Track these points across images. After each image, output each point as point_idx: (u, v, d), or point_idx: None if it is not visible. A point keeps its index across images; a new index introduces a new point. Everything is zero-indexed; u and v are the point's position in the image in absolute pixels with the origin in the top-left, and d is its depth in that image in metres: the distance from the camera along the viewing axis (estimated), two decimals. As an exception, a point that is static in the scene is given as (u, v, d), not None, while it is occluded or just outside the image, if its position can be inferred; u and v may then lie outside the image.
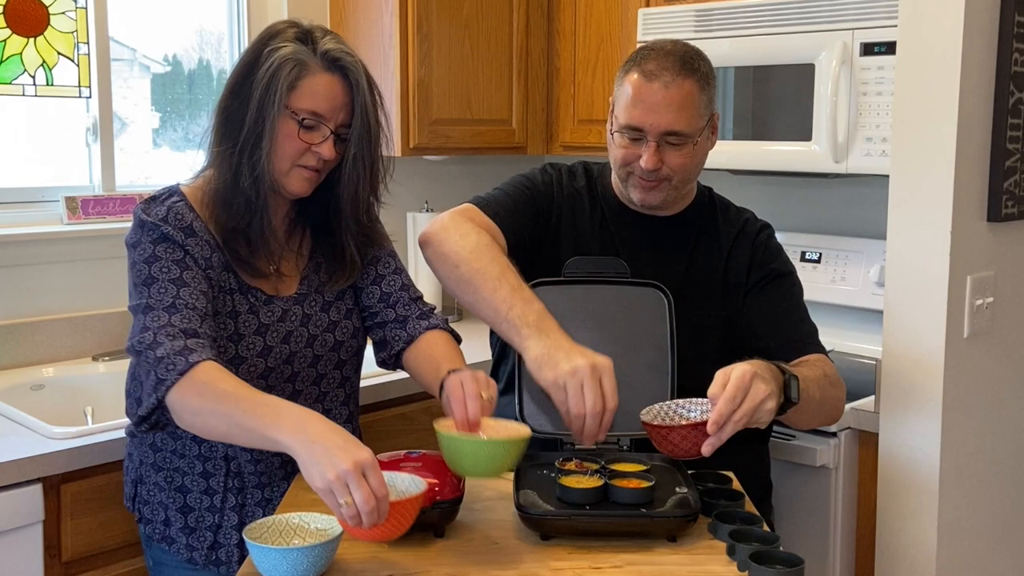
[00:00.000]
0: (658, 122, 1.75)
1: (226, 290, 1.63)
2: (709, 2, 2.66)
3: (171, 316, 1.53)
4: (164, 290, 1.55)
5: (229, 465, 1.69)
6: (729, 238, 1.92)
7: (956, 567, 2.08)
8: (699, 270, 1.90)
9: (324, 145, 1.60)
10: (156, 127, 2.90)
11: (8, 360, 2.42)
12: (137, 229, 1.62)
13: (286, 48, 1.58)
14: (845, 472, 2.21)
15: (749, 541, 1.45)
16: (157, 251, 1.58)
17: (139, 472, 1.75)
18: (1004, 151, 2.03)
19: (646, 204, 1.86)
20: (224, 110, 1.61)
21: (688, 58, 1.78)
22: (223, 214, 1.61)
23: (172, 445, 1.70)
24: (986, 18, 1.97)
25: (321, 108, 1.59)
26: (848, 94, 2.39)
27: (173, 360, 1.47)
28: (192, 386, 1.45)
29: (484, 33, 3.01)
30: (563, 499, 1.55)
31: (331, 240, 1.73)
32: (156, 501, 1.73)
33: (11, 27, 2.49)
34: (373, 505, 1.28)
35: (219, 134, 1.61)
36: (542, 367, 1.57)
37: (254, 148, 1.57)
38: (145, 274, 1.58)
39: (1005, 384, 2.19)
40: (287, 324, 1.69)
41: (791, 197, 2.94)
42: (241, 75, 1.60)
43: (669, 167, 1.79)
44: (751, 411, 1.48)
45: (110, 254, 2.60)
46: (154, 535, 1.73)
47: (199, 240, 1.61)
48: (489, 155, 3.19)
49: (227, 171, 1.60)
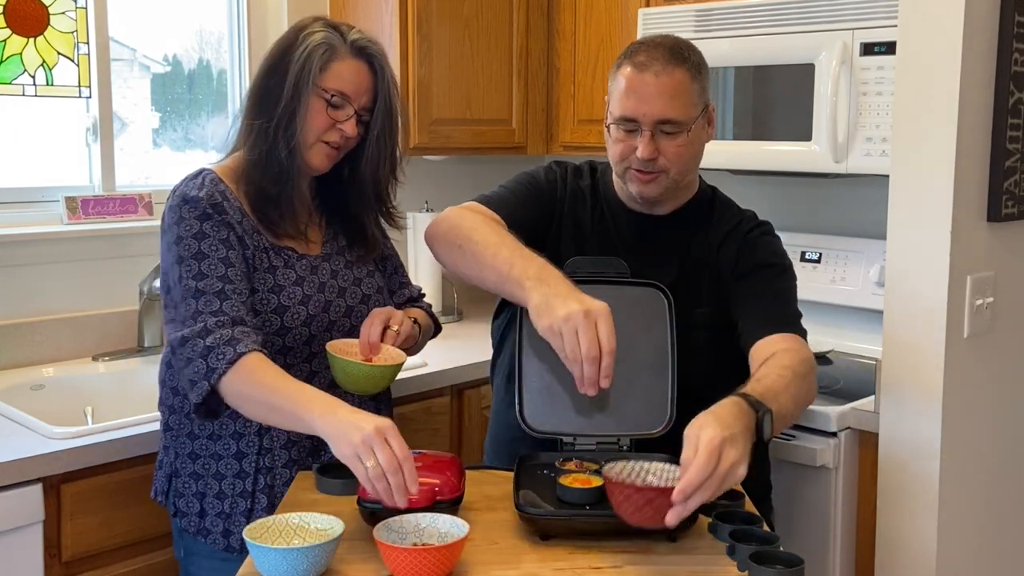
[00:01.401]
0: (651, 111, 1.76)
1: (260, 248, 1.75)
2: (709, 2, 2.66)
3: (222, 303, 1.64)
4: (214, 268, 1.66)
5: (262, 441, 1.77)
6: (720, 234, 1.92)
7: (956, 567, 2.08)
8: (692, 267, 1.90)
9: (348, 123, 1.75)
10: (156, 127, 2.90)
11: (8, 360, 2.42)
12: (178, 207, 1.70)
13: (319, 35, 1.74)
14: (845, 472, 2.21)
15: (749, 541, 1.45)
16: (204, 228, 1.69)
17: (175, 465, 1.80)
18: (1004, 151, 2.03)
19: (645, 196, 1.86)
20: (259, 88, 1.76)
21: (678, 48, 1.80)
22: (259, 181, 1.74)
23: (209, 429, 1.76)
24: (986, 18, 1.97)
25: (347, 89, 1.74)
26: (848, 94, 2.39)
27: (222, 350, 1.59)
28: (239, 375, 1.58)
29: (484, 33, 3.01)
30: (563, 499, 1.55)
31: (352, 223, 1.88)
32: (191, 492, 1.78)
33: (11, 27, 2.49)
34: (396, 465, 1.40)
35: (255, 110, 1.75)
36: (540, 315, 1.57)
37: (289, 121, 1.72)
38: (195, 249, 1.67)
39: (1005, 384, 2.19)
40: (319, 276, 1.81)
41: (791, 197, 2.94)
42: (276, 57, 1.76)
43: (665, 157, 1.79)
44: (720, 481, 1.40)
45: (110, 254, 2.60)
46: (189, 528, 1.78)
47: (231, 206, 1.72)
48: (489, 155, 3.19)
49: (263, 142, 1.73)
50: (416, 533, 1.44)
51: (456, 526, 1.43)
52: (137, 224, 2.64)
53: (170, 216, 1.71)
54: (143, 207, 2.67)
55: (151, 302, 2.56)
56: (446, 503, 1.53)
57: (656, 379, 1.76)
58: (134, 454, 2.01)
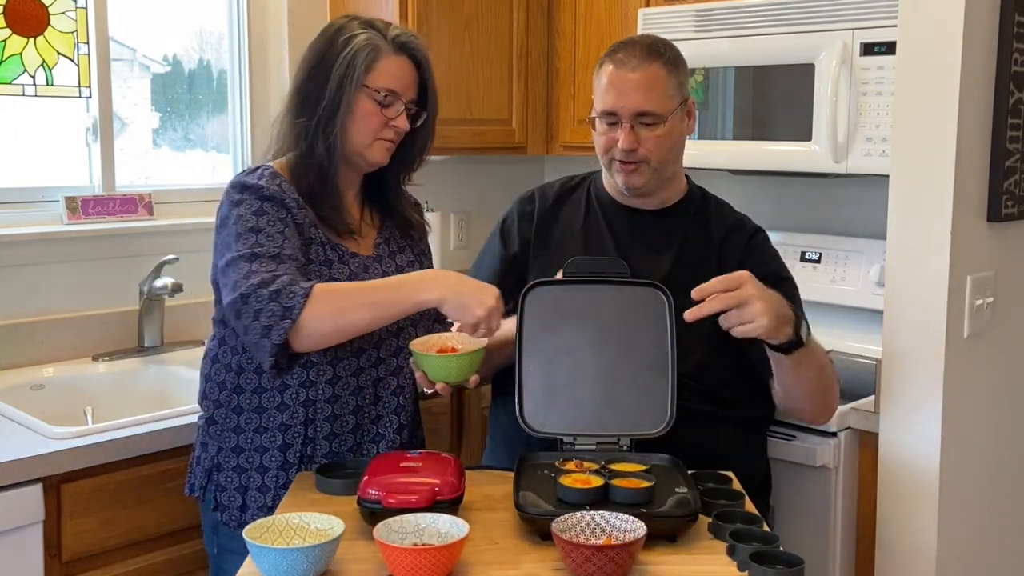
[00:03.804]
0: (629, 104, 1.86)
1: (317, 242, 1.79)
2: (709, 2, 2.66)
3: (277, 265, 1.67)
4: (271, 239, 1.70)
5: (307, 431, 1.79)
6: (721, 231, 1.97)
7: (956, 567, 2.08)
8: (688, 263, 1.93)
9: (401, 118, 1.82)
10: (156, 127, 2.90)
11: (8, 360, 2.42)
12: (238, 192, 1.76)
13: (361, 35, 1.79)
14: (845, 472, 2.21)
15: (749, 541, 1.45)
16: (264, 207, 1.73)
17: (217, 460, 1.82)
18: (1004, 151, 2.03)
19: (630, 186, 1.93)
20: (300, 90, 1.82)
21: (653, 45, 1.91)
22: (305, 176, 1.80)
23: (256, 421, 1.79)
24: (986, 18, 1.97)
25: (396, 86, 1.81)
26: (848, 94, 2.39)
27: (292, 289, 1.62)
28: (321, 298, 1.63)
29: (484, 33, 3.01)
30: (563, 499, 1.56)
31: (396, 212, 1.94)
32: (233, 487, 1.81)
33: (11, 27, 2.49)
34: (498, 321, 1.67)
35: (296, 110, 1.81)
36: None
37: (329, 120, 1.78)
38: (252, 223, 1.71)
39: (1005, 384, 2.19)
40: (370, 275, 1.84)
41: (791, 197, 2.94)
42: (316, 60, 1.81)
43: (645, 147, 1.88)
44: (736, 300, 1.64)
45: (110, 254, 2.60)
46: (230, 521, 1.80)
47: (290, 198, 1.77)
48: (489, 155, 3.19)
49: (303, 140, 1.80)
50: (416, 533, 1.44)
51: (456, 526, 1.43)
52: (137, 224, 2.64)
53: (228, 201, 1.76)
54: (143, 207, 2.67)
55: (151, 302, 2.56)
56: (446, 503, 1.53)
57: (656, 379, 1.76)
58: (134, 454, 2.01)
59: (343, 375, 1.81)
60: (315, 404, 1.79)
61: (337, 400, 1.81)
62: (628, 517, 1.44)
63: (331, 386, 1.80)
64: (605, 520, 1.44)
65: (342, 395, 1.81)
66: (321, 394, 1.79)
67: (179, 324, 2.67)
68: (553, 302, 1.79)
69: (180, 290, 2.53)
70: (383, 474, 1.59)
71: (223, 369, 1.81)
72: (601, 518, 1.45)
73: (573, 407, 1.77)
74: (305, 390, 1.78)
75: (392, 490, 1.53)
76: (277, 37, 2.94)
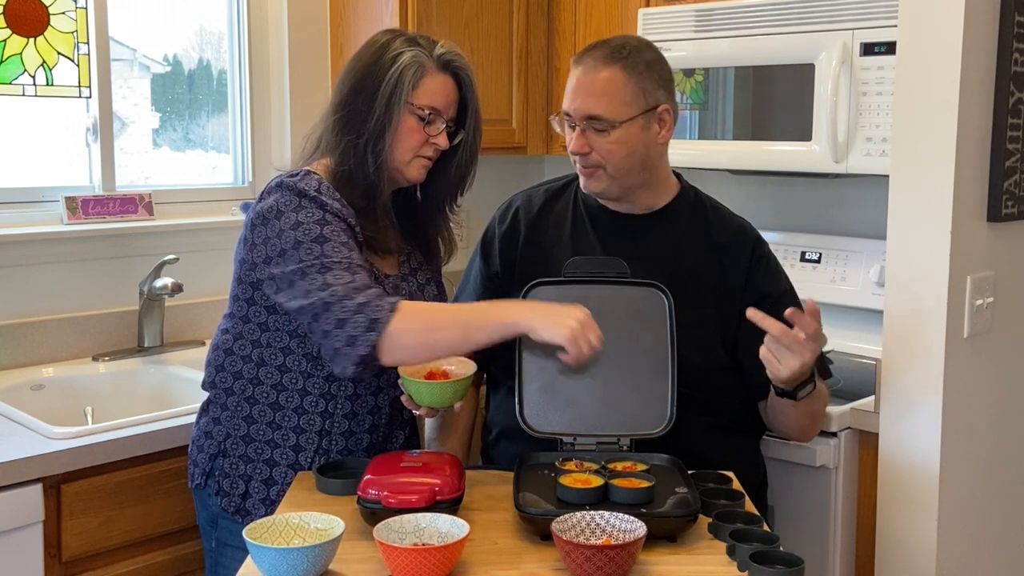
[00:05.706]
0: (579, 106, 1.83)
1: None
2: (709, 2, 2.66)
3: (354, 275, 1.66)
4: (338, 250, 1.68)
5: (321, 440, 1.81)
6: (723, 237, 1.93)
7: (956, 567, 2.08)
8: (687, 268, 1.89)
9: (441, 136, 1.81)
10: (156, 127, 2.90)
11: (8, 360, 2.42)
12: (295, 196, 1.72)
13: (408, 53, 1.78)
14: (845, 472, 2.21)
15: (749, 541, 1.45)
16: (327, 217, 1.72)
17: (223, 445, 1.82)
18: (1004, 151, 2.03)
19: (589, 191, 1.91)
20: (346, 105, 1.79)
21: (619, 48, 1.84)
22: (349, 195, 1.78)
23: (270, 416, 1.79)
24: (986, 18, 1.97)
25: (439, 104, 1.80)
26: (848, 94, 2.39)
27: (378, 303, 1.62)
28: (409, 314, 1.63)
29: (484, 33, 3.00)
30: (563, 499, 1.56)
31: (422, 232, 1.93)
32: (238, 474, 1.81)
33: (11, 27, 2.49)
34: (600, 335, 1.64)
35: (341, 127, 1.79)
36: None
37: (378, 138, 1.77)
38: (316, 233, 1.69)
39: (1005, 384, 2.19)
40: (400, 295, 1.81)
41: (791, 197, 2.94)
42: (363, 75, 1.79)
43: (598, 153, 1.84)
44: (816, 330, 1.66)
45: (110, 254, 2.60)
46: (228, 507, 1.80)
47: (347, 212, 1.76)
48: (489, 155, 3.17)
49: (351, 158, 1.78)
50: (416, 533, 1.44)
51: (456, 526, 1.43)
52: (137, 224, 2.64)
53: (284, 203, 1.71)
54: (143, 207, 2.67)
55: (151, 302, 2.56)
56: (446, 503, 1.53)
57: (656, 379, 1.76)
58: (134, 454, 2.01)
59: (363, 393, 1.82)
60: (333, 417, 1.80)
61: (355, 417, 1.82)
62: (628, 517, 1.44)
63: (350, 402, 1.81)
64: (605, 520, 1.45)
65: (360, 412, 1.83)
66: (340, 408, 1.80)
67: (179, 324, 2.67)
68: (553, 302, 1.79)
69: (180, 290, 2.53)
70: (383, 474, 1.59)
71: (239, 360, 1.81)
72: (601, 518, 1.45)
73: (573, 407, 1.77)
74: (325, 401, 1.79)
75: (392, 490, 1.53)
76: (277, 37, 2.94)
